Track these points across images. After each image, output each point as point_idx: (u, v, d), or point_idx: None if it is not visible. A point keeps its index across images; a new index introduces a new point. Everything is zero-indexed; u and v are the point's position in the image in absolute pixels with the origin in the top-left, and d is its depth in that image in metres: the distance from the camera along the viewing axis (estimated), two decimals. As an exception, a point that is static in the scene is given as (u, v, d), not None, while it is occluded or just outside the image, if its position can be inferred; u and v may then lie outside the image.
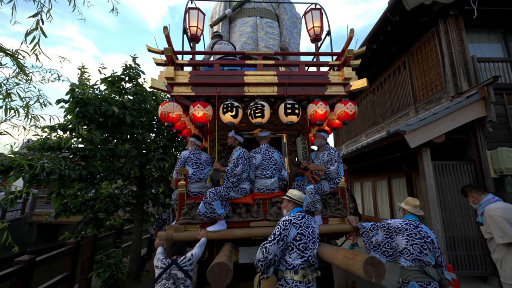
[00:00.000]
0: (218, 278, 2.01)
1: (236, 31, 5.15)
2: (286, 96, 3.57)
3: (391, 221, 2.54)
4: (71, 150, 4.20)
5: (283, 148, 4.22)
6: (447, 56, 4.97)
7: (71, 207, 4.85)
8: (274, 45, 5.01)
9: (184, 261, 2.48)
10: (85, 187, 4.29)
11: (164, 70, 3.36)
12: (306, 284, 2.19)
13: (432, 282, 2.23)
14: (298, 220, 2.32)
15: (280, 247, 2.21)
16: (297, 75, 3.63)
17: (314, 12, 4.52)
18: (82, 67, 4.83)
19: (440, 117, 4.30)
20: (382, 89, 7.54)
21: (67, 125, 4.57)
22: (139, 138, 4.86)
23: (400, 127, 4.25)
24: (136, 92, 5.13)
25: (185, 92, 3.41)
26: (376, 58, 7.02)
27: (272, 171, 3.36)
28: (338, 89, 3.61)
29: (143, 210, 6.14)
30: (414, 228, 2.38)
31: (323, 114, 3.44)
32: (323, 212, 3.40)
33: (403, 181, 6.83)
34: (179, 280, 2.38)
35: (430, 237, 2.36)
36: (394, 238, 2.47)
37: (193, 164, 3.54)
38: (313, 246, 2.32)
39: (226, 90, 3.48)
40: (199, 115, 3.37)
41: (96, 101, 4.46)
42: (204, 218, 3.12)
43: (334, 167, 3.33)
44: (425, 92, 5.69)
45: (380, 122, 7.63)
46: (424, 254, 2.29)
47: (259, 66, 3.67)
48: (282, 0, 5.26)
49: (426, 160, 4.43)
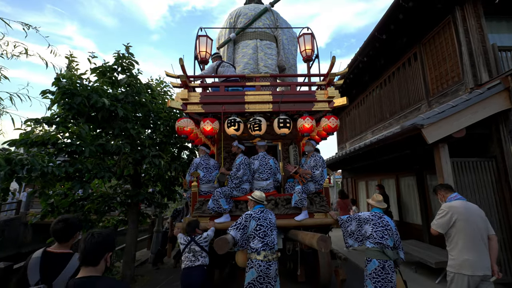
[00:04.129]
0: (220, 246, 2.75)
1: (239, 52, 5.95)
2: (280, 112, 4.31)
3: (361, 213, 3.18)
4: (57, 145, 3.82)
5: (278, 155, 4.99)
6: (465, 45, 4.61)
7: (58, 207, 4.48)
8: (272, 64, 5.81)
9: (200, 239, 3.17)
10: (72, 185, 3.92)
11: (180, 92, 4.30)
12: (267, 263, 2.82)
13: (388, 260, 2.82)
14: (258, 214, 3.00)
15: (240, 233, 2.91)
16: (289, 94, 4.44)
17: (306, 36, 5.23)
18: (71, 55, 4.42)
19: (460, 109, 3.94)
20: (390, 83, 7.17)
21: (54, 118, 4.19)
22: (132, 133, 4.49)
23: (417, 121, 3.88)
24: (129, 83, 4.74)
25: (197, 109, 4.30)
26: (384, 49, 6.64)
27: (268, 174, 4.13)
28: (323, 105, 4.35)
29: (138, 211, 5.78)
30: (378, 219, 2.99)
31: (309, 127, 4.15)
32: (310, 208, 4.06)
33: (412, 180, 6.47)
34: (197, 253, 3.09)
35: (390, 225, 2.97)
36: (363, 227, 3.09)
37: (203, 168, 4.37)
38: (271, 233, 2.98)
39: (230, 108, 4.30)
40: (208, 128, 4.20)
41: (84, 92, 4.08)
42: (213, 212, 3.95)
43: (318, 172, 4.04)
44: (439, 85, 5.32)
45: (387, 118, 7.26)
46: (384, 239, 2.87)
47: (257, 86, 4.48)
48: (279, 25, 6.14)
49: (444, 157, 4.06)
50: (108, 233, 1.49)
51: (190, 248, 3.10)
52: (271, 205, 4.06)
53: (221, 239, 2.80)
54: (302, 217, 3.89)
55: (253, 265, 2.82)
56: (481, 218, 2.57)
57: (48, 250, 1.70)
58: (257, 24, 6.00)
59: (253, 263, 2.83)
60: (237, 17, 6.16)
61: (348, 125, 10.41)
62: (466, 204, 2.64)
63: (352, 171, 10.11)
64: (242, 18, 6.09)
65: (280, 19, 6.32)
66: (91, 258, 1.37)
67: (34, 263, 1.62)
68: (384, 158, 6.88)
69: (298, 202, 3.89)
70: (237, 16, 6.16)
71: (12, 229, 12.76)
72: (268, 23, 6.08)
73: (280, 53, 5.98)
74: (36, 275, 1.58)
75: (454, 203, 2.68)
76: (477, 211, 2.61)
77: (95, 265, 1.38)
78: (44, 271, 1.59)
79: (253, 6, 6.31)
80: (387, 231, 2.90)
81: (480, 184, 4.17)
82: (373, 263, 2.83)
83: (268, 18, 6.14)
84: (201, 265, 3.05)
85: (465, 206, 2.62)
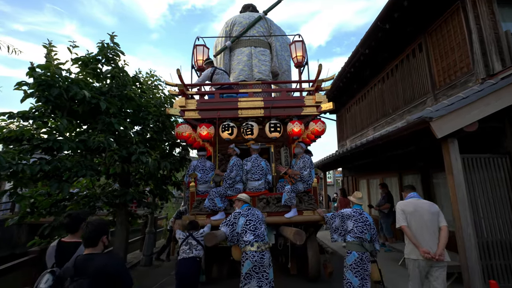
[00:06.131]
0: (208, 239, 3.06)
1: (235, 59, 6.29)
2: (271, 117, 4.61)
3: (343, 210, 3.43)
4: (32, 141, 3.50)
5: (271, 157, 5.25)
6: (476, 32, 4.27)
7: (39, 208, 4.17)
8: (266, 70, 6.12)
9: (197, 234, 3.50)
10: (50, 185, 3.60)
11: (178, 99, 4.67)
12: (260, 253, 3.04)
13: (365, 252, 3.12)
14: (246, 211, 3.30)
15: (229, 229, 3.18)
16: (279, 100, 4.76)
17: (297, 43, 5.60)
18: (49, 44, 4.07)
19: (472, 101, 3.60)
20: (393, 77, 6.84)
21: (31, 112, 3.87)
22: (117, 128, 4.17)
23: (425, 113, 3.55)
24: (114, 75, 4.41)
25: (194, 116, 4.65)
26: (387, 40, 6.29)
27: (259, 175, 4.43)
28: (312, 110, 4.66)
29: (128, 211, 5.47)
30: (358, 215, 3.29)
31: (298, 131, 4.51)
32: (299, 206, 4.35)
33: (417, 178, 6.14)
34: (193, 246, 3.39)
35: (369, 221, 3.28)
36: (345, 222, 3.33)
37: (200, 170, 4.71)
38: (260, 227, 3.24)
39: (225, 113, 4.63)
40: (204, 133, 4.56)
41: (63, 84, 3.76)
42: (209, 210, 4.29)
43: (307, 172, 4.33)
44: (446, 77, 4.99)
45: (390, 113, 6.93)
46: (363, 233, 3.18)
47: (250, 93, 4.78)
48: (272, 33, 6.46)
49: (453, 153, 3.73)
50: (99, 221, 1.87)
51: (187, 242, 3.43)
52: (263, 204, 4.40)
53: (210, 233, 3.18)
54: (291, 215, 4.22)
55: (248, 256, 3.03)
56: (429, 212, 2.98)
57: (61, 240, 2.12)
58: (252, 32, 6.32)
59: (247, 255, 3.04)
60: (233, 25, 6.46)
61: (349, 122, 10.08)
62: (416, 201, 3.10)
63: (353, 169, 9.78)
64: (237, 27, 6.38)
65: (273, 26, 6.64)
66: (90, 241, 1.79)
67: (50, 251, 2.05)
68: (386, 155, 6.55)
69: (288, 200, 4.22)
70: (232, 25, 6.46)
71: (6, 229, 12.46)
72: (262, 31, 6.39)
73: (273, 59, 6.28)
74: (51, 260, 2.01)
75: (405, 201, 3.18)
76: (426, 206, 3.04)
77: (94, 246, 1.80)
78: (58, 257, 2.01)
79: (247, 15, 6.63)
80: (366, 226, 3.22)
81: (492, 181, 3.84)
82: (353, 255, 3.12)
83: (262, 25, 6.46)
84: (194, 256, 3.36)
85: (414, 203, 3.08)
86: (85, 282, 1.58)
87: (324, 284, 4.42)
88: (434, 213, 3.00)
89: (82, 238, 1.80)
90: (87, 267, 1.65)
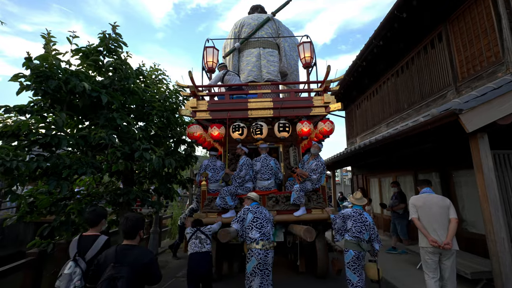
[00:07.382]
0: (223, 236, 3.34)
1: (244, 60, 6.39)
2: (280, 117, 4.71)
3: (344, 210, 3.55)
4: (29, 136, 3.29)
5: (280, 156, 5.37)
6: (506, 18, 3.92)
7: (38, 207, 3.96)
8: (274, 71, 6.18)
9: (205, 229, 3.55)
10: (48, 183, 3.39)
11: (190, 101, 4.81)
12: (265, 251, 3.20)
13: (362, 251, 3.26)
14: (254, 209, 3.46)
15: (240, 225, 3.39)
16: (288, 100, 4.83)
17: (305, 44, 5.55)
18: (48, 34, 3.85)
19: (504, 92, 3.27)
20: (408, 70, 6.49)
21: (28, 106, 3.66)
22: (119, 123, 3.94)
23: (454, 105, 3.24)
24: (116, 67, 4.17)
25: (205, 116, 4.78)
26: (403, 31, 5.94)
27: (269, 175, 4.56)
28: (320, 110, 4.75)
29: (132, 211, 5.25)
30: (358, 215, 3.40)
31: (307, 131, 4.56)
32: (308, 204, 4.45)
33: (435, 177, 5.80)
34: (203, 240, 3.42)
35: (369, 221, 3.37)
36: (346, 222, 3.46)
37: (211, 169, 4.91)
38: (267, 225, 3.37)
39: (235, 114, 4.75)
40: (215, 133, 4.74)
41: (62, 76, 3.53)
42: (220, 208, 4.44)
43: (316, 176, 4.40)
44: (471, 67, 4.64)
45: (405, 108, 6.59)
46: (361, 233, 3.29)
47: (259, 94, 4.89)
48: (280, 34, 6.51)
49: (483, 149, 3.41)
50: (137, 217, 2.11)
51: (197, 236, 3.45)
52: (272, 202, 4.52)
53: (223, 230, 3.38)
54: (300, 213, 4.30)
55: (253, 253, 3.20)
56: (438, 206, 3.18)
57: (83, 234, 2.42)
58: (260, 33, 6.38)
59: (253, 252, 3.21)
60: (241, 26, 6.56)
61: (359, 118, 9.73)
62: (426, 196, 3.30)
63: (363, 168, 9.44)
64: (246, 28, 6.47)
65: (282, 27, 6.67)
66: (129, 234, 2.04)
67: (73, 243, 2.32)
68: (402, 152, 6.22)
69: (297, 199, 4.31)
70: (241, 26, 6.56)
71: (13, 227, 12.44)
72: (270, 32, 6.45)
73: (282, 60, 6.34)
74: (74, 250, 2.27)
75: (417, 196, 3.39)
76: (435, 200, 3.22)
77: (133, 238, 2.05)
78: (79, 248, 2.29)
79: (256, 16, 6.68)
80: (365, 227, 3.33)
81: (526, 181, 3.51)
82: (350, 253, 3.28)
83: (270, 27, 6.49)
84: (207, 251, 3.37)
85: (424, 197, 3.29)
86: (124, 269, 1.81)
87: (332, 281, 4.48)
88: (443, 206, 3.17)
89: (122, 231, 2.04)
90: (126, 256, 1.91)
